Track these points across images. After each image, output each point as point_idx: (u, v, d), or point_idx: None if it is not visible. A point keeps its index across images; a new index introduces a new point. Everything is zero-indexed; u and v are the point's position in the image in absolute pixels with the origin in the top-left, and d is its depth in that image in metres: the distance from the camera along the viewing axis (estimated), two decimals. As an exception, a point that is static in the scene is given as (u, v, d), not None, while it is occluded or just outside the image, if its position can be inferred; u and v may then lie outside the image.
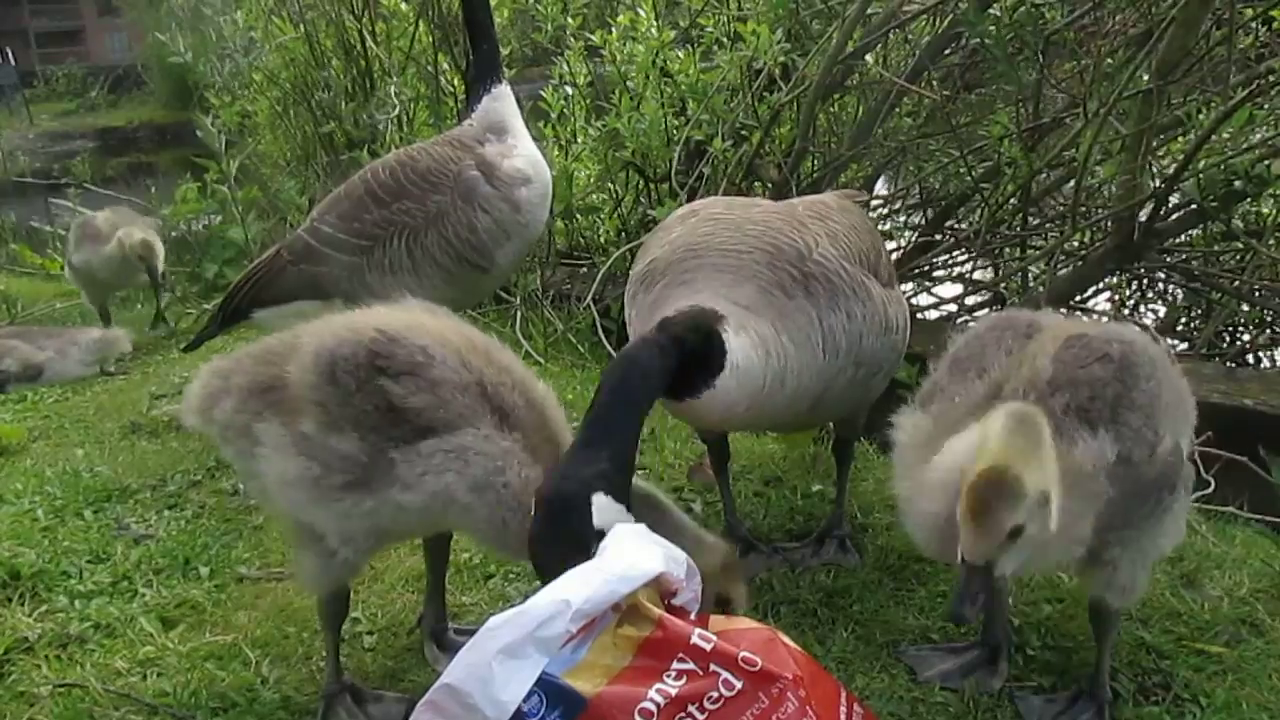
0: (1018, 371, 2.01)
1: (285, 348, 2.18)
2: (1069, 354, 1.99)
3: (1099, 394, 1.93)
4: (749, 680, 1.81)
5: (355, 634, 2.66)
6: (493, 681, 1.74)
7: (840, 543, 2.87)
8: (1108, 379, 1.95)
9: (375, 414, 2.02)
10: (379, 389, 2.02)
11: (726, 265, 2.36)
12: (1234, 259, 5.20)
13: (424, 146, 3.76)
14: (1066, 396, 1.93)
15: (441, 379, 2.03)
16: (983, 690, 2.32)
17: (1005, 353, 2.08)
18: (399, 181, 3.60)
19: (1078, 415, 1.91)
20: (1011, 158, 4.33)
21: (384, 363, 2.03)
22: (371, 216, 3.58)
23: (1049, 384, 1.95)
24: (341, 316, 2.22)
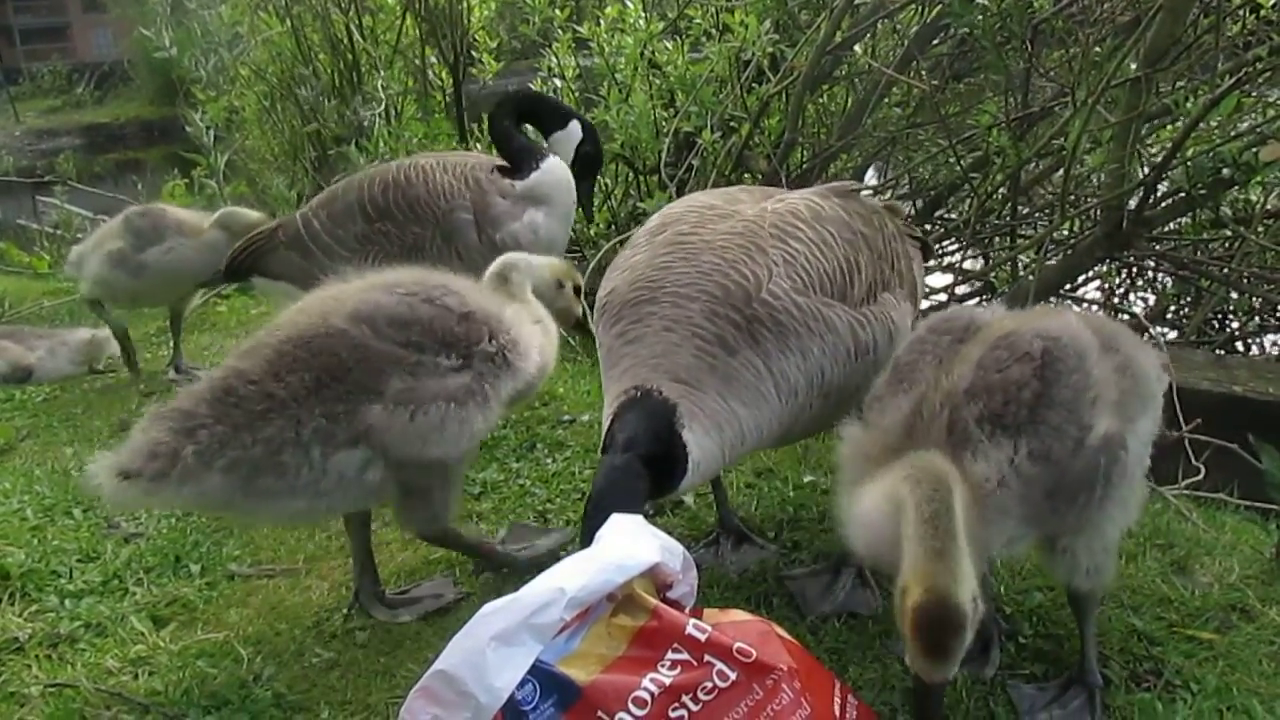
0: (939, 383, 2.04)
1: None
2: (991, 357, 2.03)
3: (1013, 397, 1.96)
4: (743, 671, 1.82)
5: (347, 630, 2.65)
6: (486, 668, 1.74)
7: (858, 574, 2.67)
8: (1025, 379, 1.97)
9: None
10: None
11: (673, 319, 2.30)
12: (1223, 246, 5.22)
13: (430, 167, 3.69)
14: (981, 404, 1.96)
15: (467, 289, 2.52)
16: (975, 679, 2.32)
17: (936, 361, 2.11)
18: (387, 202, 3.58)
19: (992, 422, 1.95)
20: (1000, 147, 4.34)
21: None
22: (356, 229, 3.57)
23: (966, 393, 1.98)
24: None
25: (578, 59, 6.23)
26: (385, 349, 2.33)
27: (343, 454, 2.31)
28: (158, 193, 8.09)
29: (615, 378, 2.32)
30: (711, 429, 2.24)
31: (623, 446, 2.17)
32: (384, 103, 6.42)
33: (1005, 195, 5.09)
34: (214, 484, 2.24)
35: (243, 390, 2.28)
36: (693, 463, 2.20)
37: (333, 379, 2.30)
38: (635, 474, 2.15)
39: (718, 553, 2.89)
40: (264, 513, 2.39)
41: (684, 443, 2.19)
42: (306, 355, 2.31)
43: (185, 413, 2.25)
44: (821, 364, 2.35)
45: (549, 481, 3.41)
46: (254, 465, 2.25)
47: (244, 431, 2.25)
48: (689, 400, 2.22)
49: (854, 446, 2.09)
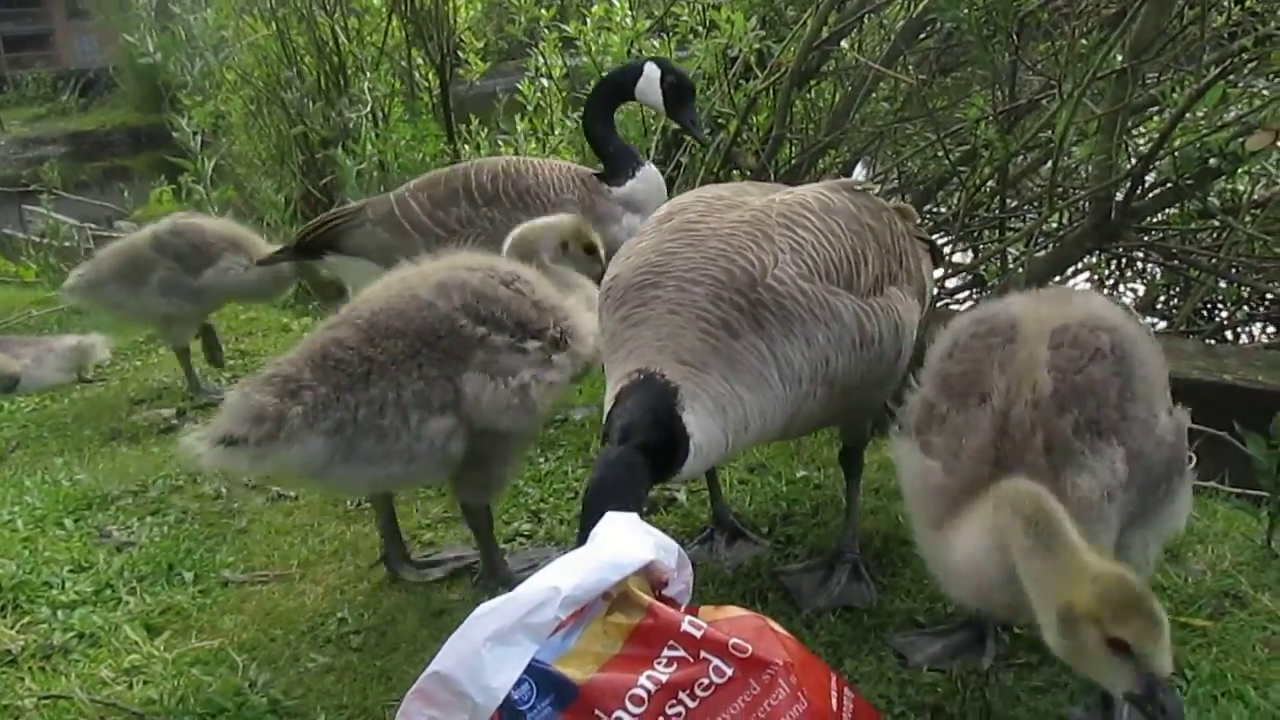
0: (1018, 391, 1.90)
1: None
2: (1062, 357, 1.92)
3: (1103, 399, 1.87)
4: (740, 667, 1.81)
5: (342, 634, 2.65)
6: (482, 669, 1.73)
7: (853, 569, 2.68)
8: (1108, 378, 1.89)
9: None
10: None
11: (677, 302, 2.29)
12: (1211, 236, 5.24)
13: (539, 164, 3.84)
14: (1075, 413, 1.85)
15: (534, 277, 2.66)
16: (971, 670, 2.33)
17: (999, 367, 1.96)
18: (496, 190, 3.70)
19: (1090, 430, 1.85)
20: (988, 140, 4.35)
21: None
22: (459, 211, 3.67)
23: (1053, 401, 1.86)
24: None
25: (565, 58, 6.22)
26: (468, 322, 2.47)
27: (435, 420, 2.43)
28: (145, 200, 8.06)
29: (619, 361, 2.31)
30: (715, 411, 2.21)
31: (620, 437, 2.15)
32: (370, 104, 6.41)
33: (994, 188, 5.10)
34: (317, 447, 2.33)
35: (341, 354, 2.38)
36: (694, 445, 2.18)
37: (425, 345, 2.42)
38: (633, 466, 2.13)
39: (712, 549, 2.89)
40: (359, 479, 2.49)
41: (684, 425, 2.17)
42: (400, 324, 2.43)
43: (287, 377, 2.34)
44: (826, 352, 2.33)
45: (542, 481, 3.41)
46: (358, 427, 2.36)
47: (347, 393, 2.35)
48: (692, 382, 2.20)
49: (925, 476, 1.95)
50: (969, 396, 1.96)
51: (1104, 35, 4.09)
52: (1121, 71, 3.85)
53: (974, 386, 1.97)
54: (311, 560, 3.05)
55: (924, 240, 2.92)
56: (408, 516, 3.22)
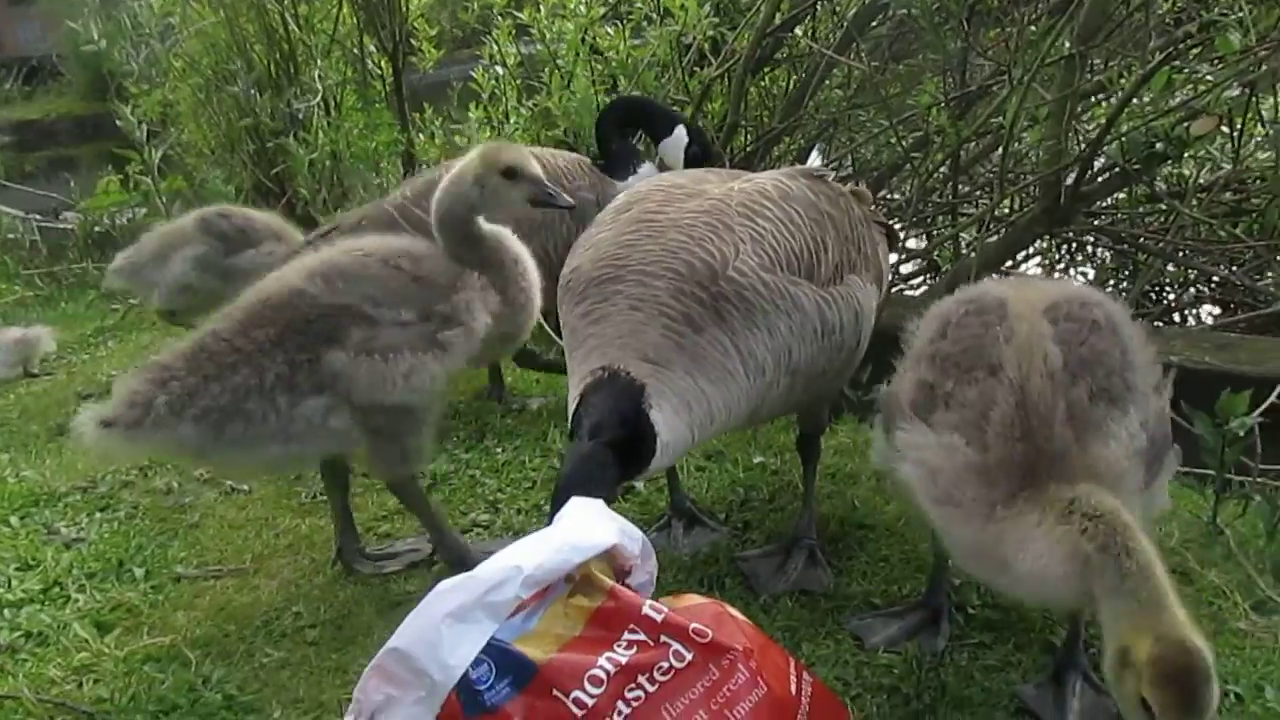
0: (1030, 364, 1.88)
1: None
2: (1064, 330, 1.94)
3: (1110, 368, 1.88)
4: (700, 652, 1.82)
5: (298, 628, 2.63)
6: (441, 645, 1.73)
7: (810, 553, 2.72)
8: (1109, 348, 1.91)
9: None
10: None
11: (639, 297, 2.28)
12: (1158, 220, 5.32)
13: (545, 154, 3.73)
14: (1088, 381, 1.86)
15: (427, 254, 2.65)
16: (927, 651, 2.35)
17: (1003, 341, 1.94)
18: None
19: (1104, 399, 1.85)
20: (940, 127, 4.37)
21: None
22: None
23: (1065, 370, 1.87)
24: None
25: (519, 46, 6.16)
26: (340, 302, 2.52)
27: (309, 401, 2.49)
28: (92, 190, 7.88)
29: (581, 357, 2.30)
30: (680, 408, 2.22)
31: (589, 433, 2.15)
32: (322, 93, 6.32)
33: (946, 174, 5.14)
34: (186, 432, 2.43)
35: (214, 345, 2.49)
36: (661, 444, 2.18)
37: (294, 331, 2.49)
38: (602, 462, 2.14)
39: (670, 536, 2.90)
40: (241, 460, 2.57)
41: (652, 424, 2.17)
42: (271, 312, 2.52)
43: (162, 366, 2.47)
44: (789, 342, 2.34)
45: (499, 471, 3.40)
46: (222, 413, 2.44)
47: (212, 382, 2.44)
48: (657, 379, 2.20)
49: (958, 459, 1.86)
50: (975, 370, 1.93)
51: (1052, 22, 4.13)
52: (1070, 58, 3.89)
53: (979, 360, 1.94)
54: (266, 554, 3.01)
55: (880, 224, 2.93)
56: (363, 509, 3.20)
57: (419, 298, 2.57)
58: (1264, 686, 2.22)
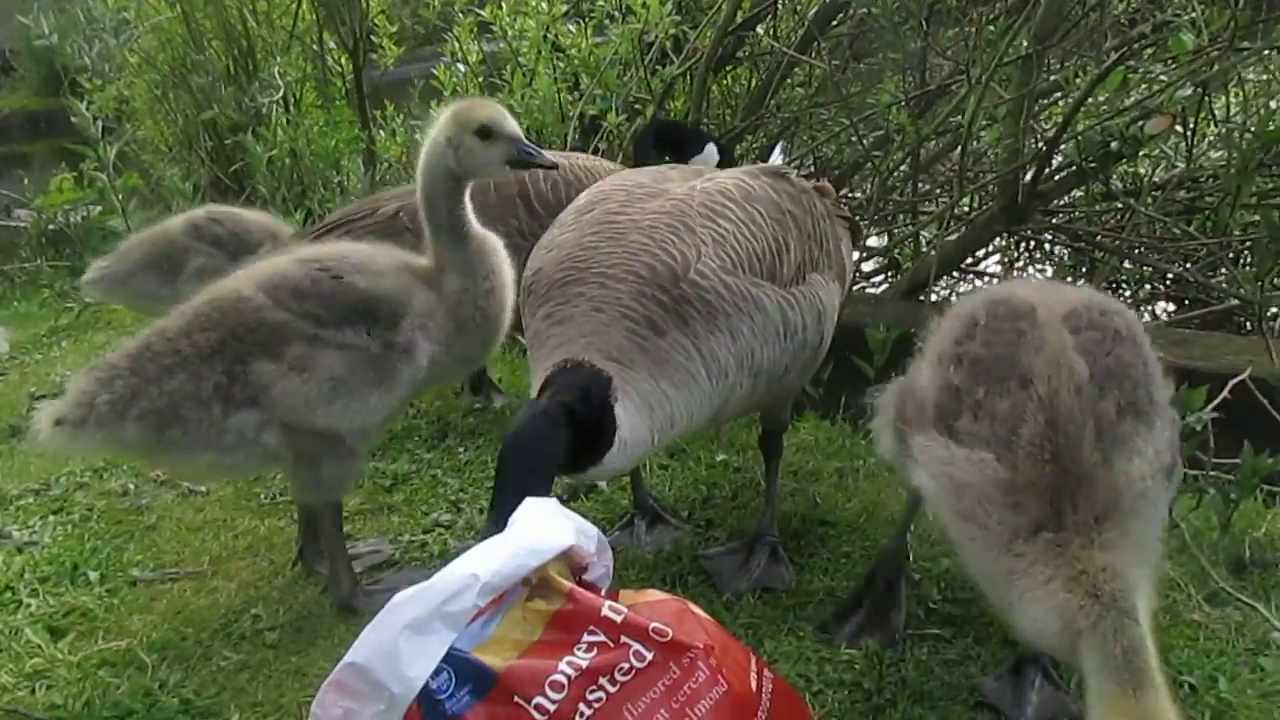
0: (1059, 378, 1.81)
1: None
2: (1086, 340, 1.88)
3: (1136, 380, 1.84)
4: (660, 651, 1.82)
5: (257, 631, 2.60)
6: (399, 658, 1.71)
7: (772, 551, 2.73)
8: (1133, 360, 1.87)
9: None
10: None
11: (601, 300, 2.26)
12: (1114, 218, 5.39)
13: (591, 169, 3.56)
14: (1116, 395, 1.81)
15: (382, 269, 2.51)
16: (886, 644, 2.37)
17: (1034, 350, 1.87)
18: (558, 198, 3.37)
19: (1130, 413, 1.80)
20: (900, 125, 4.40)
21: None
22: (518, 223, 3.38)
23: (1093, 383, 1.81)
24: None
25: (481, 44, 6.13)
26: (282, 317, 2.43)
27: (241, 413, 2.42)
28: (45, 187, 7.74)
29: (544, 357, 2.28)
30: (642, 409, 2.21)
31: (551, 394, 2.12)
32: (281, 90, 6.25)
33: (906, 172, 5.18)
34: (129, 432, 2.37)
35: (158, 345, 2.43)
36: (619, 439, 2.16)
37: (235, 339, 2.42)
38: (556, 421, 2.08)
39: (633, 534, 2.90)
40: (182, 464, 2.54)
41: (614, 415, 2.15)
42: (217, 316, 2.45)
43: (110, 364, 2.41)
44: (751, 344, 2.33)
45: (462, 470, 3.38)
46: (161, 416, 2.38)
47: (152, 383, 2.38)
48: (621, 378, 2.19)
49: (986, 474, 1.78)
50: (1008, 380, 1.84)
51: (1010, 22, 4.17)
52: (1027, 58, 3.93)
53: (1011, 369, 1.85)
54: (224, 556, 2.98)
55: (844, 218, 2.94)
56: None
57: (367, 319, 2.45)
58: (1217, 677, 2.25)
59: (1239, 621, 2.45)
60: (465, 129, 2.44)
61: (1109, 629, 1.61)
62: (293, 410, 2.42)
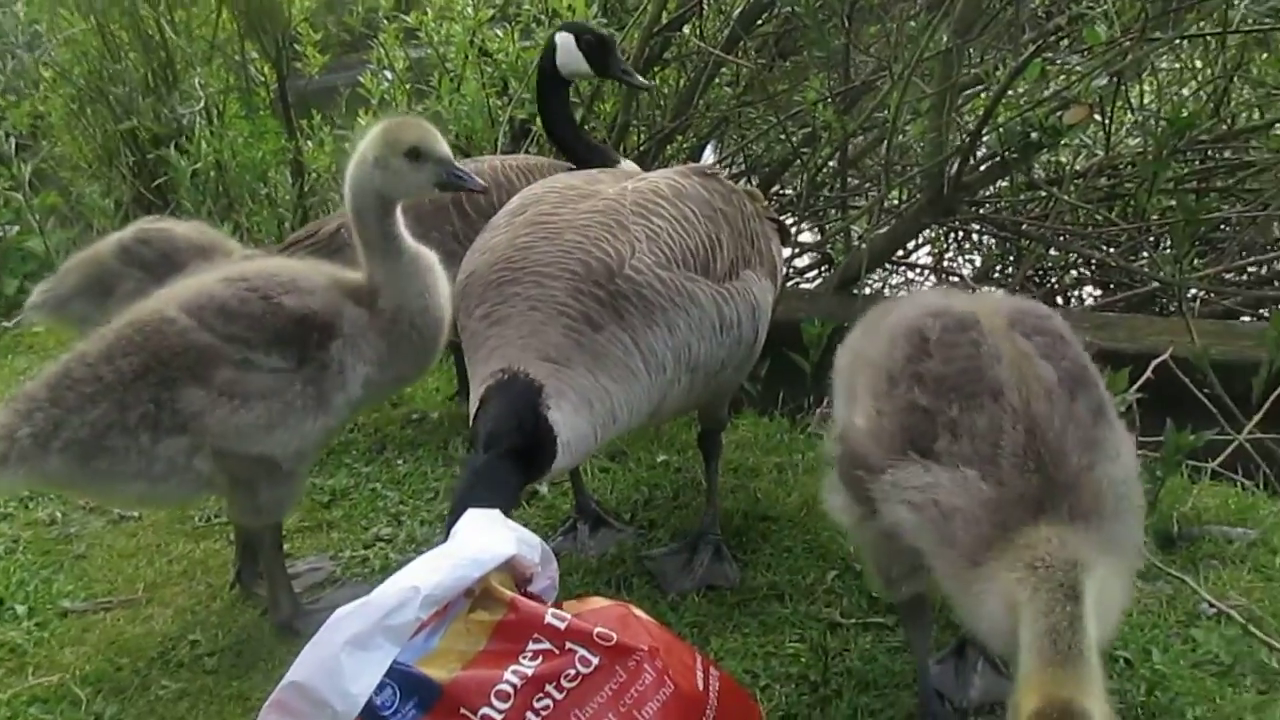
0: (1028, 386, 1.76)
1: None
2: (1041, 345, 1.84)
3: (1091, 380, 1.82)
4: (605, 655, 1.82)
5: (196, 657, 2.55)
6: (341, 674, 1.70)
7: (715, 549, 2.74)
8: (1082, 361, 1.86)
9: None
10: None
11: (537, 298, 2.27)
12: (1039, 207, 5.51)
13: (523, 166, 3.54)
14: (1085, 396, 1.77)
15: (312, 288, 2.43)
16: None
17: (996, 360, 1.80)
18: (490, 202, 3.29)
19: (1098, 414, 1.77)
20: (827, 122, 4.45)
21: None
22: (452, 229, 3.37)
23: (1063, 389, 1.76)
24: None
25: (407, 50, 6.08)
26: (208, 341, 2.35)
27: (170, 440, 2.34)
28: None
29: (482, 360, 2.28)
30: (581, 406, 2.21)
31: (485, 444, 2.14)
32: (203, 101, 6.13)
33: (835, 168, 5.24)
34: (54, 465, 2.29)
35: (79, 372, 2.33)
36: (562, 443, 2.17)
37: (160, 364, 2.33)
38: (499, 474, 2.12)
39: (576, 539, 2.90)
40: (111, 494, 2.50)
41: (550, 425, 2.16)
42: (140, 340, 2.35)
43: (29, 395, 2.33)
44: (688, 339, 2.35)
45: (401, 483, 3.35)
46: (85, 447, 2.30)
47: (74, 414, 2.29)
48: (557, 379, 2.19)
49: (972, 494, 1.69)
50: (979, 394, 1.76)
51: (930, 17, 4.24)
52: (947, 52, 4.00)
53: (980, 383, 1.78)
54: (159, 583, 2.91)
55: (773, 220, 2.98)
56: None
57: (297, 341, 2.38)
58: (1151, 650, 2.31)
59: (1170, 595, 2.52)
60: (394, 150, 2.37)
61: (1042, 603, 1.56)
62: (224, 437, 2.35)
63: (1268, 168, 5.09)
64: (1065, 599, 1.54)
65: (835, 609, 2.51)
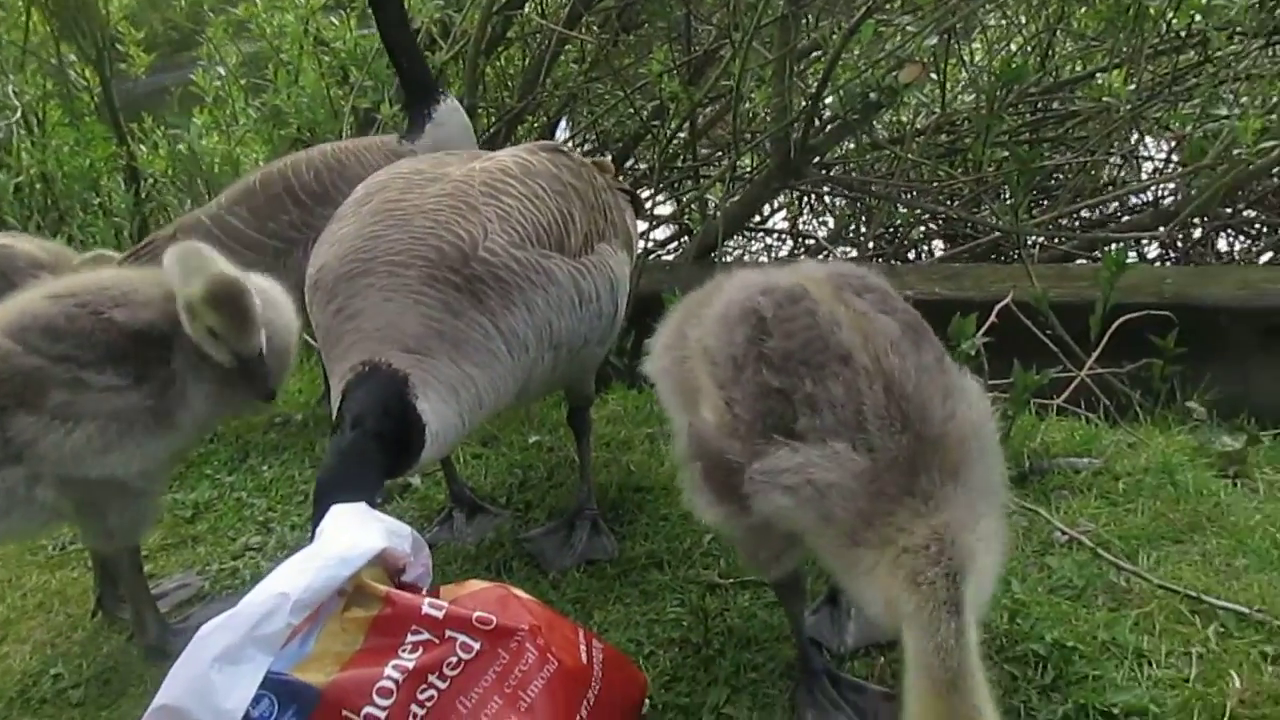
0: (875, 345, 1.72)
1: None
2: (874, 301, 1.81)
3: (924, 328, 1.81)
4: (486, 639, 1.81)
5: (59, 691, 2.43)
6: (213, 692, 1.64)
7: (593, 524, 2.75)
8: (911, 310, 1.84)
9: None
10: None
11: (391, 288, 2.22)
12: (885, 166, 5.68)
13: (355, 148, 3.47)
14: (928, 344, 1.76)
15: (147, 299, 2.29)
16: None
17: (837, 325, 1.76)
18: (323, 185, 3.33)
19: (945, 360, 1.77)
20: (673, 93, 4.49)
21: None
22: (289, 218, 3.32)
23: (907, 340, 1.74)
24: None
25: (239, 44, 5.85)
26: (35, 363, 2.19)
27: (6, 471, 2.19)
28: None
29: (339, 356, 2.22)
30: (448, 395, 2.18)
31: (351, 423, 2.08)
32: (20, 110, 5.78)
33: (685, 139, 5.29)
34: None
35: None
36: (430, 433, 2.14)
37: None
38: (364, 453, 2.06)
39: (452, 527, 2.88)
40: None
41: (419, 414, 2.12)
42: None
43: None
44: (548, 316, 2.34)
45: (268, 489, 3.25)
46: None
47: None
48: (421, 369, 2.15)
49: (849, 468, 1.64)
50: (828, 363, 1.71)
51: (766, -17, 4.31)
52: (784, 18, 4.08)
53: (826, 350, 1.72)
54: (13, 618, 2.76)
55: (625, 191, 2.99)
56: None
57: (132, 357, 2.24)
58: (1010, 580, 2.41)
59: (1025, 527, 2.64)
60: (198, 318, 2.24)
61: (925, 621, 1.53)
62: (61, 463, 2.20)
63: (1092, 116, 5.38)
64: (950, 615, 1.52)
65: (713, 570, 2.55)
